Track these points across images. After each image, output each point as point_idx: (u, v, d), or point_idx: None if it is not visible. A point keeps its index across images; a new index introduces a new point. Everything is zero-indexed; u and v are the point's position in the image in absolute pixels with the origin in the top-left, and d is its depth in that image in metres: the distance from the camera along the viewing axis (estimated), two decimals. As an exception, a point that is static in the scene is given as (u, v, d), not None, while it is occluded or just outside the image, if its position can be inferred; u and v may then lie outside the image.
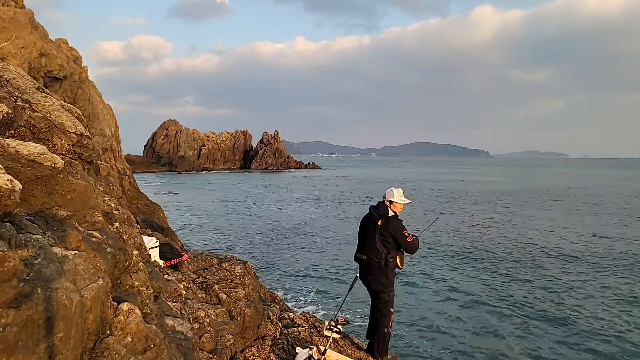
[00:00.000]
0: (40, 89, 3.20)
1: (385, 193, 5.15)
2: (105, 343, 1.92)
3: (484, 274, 16.37)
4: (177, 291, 3.19)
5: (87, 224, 2.28)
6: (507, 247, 20.97)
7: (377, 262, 4.88)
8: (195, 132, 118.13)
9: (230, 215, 32.70)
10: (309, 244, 22.06)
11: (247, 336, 4.96)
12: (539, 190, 55.54)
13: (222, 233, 25.15)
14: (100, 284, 1.94)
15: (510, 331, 11.11)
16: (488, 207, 37.58)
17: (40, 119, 2.71)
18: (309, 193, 51.31)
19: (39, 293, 1.53)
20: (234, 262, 6.56)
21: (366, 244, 5.02)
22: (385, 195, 5.11)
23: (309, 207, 38.02)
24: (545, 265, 17.55)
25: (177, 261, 6.15)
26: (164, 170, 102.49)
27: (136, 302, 2.35)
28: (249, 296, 5.49)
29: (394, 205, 5.04)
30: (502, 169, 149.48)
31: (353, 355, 5.04)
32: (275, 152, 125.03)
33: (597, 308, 12.67)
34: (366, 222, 5.15)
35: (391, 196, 5.03)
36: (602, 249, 20.34)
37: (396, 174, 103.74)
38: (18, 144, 2.09)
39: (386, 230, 4.87)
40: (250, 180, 73.71)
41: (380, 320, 5.01)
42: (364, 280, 5.09)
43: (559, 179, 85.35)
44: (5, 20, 10.19)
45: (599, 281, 15.30)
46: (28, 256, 1.60)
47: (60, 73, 12.23)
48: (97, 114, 13.87)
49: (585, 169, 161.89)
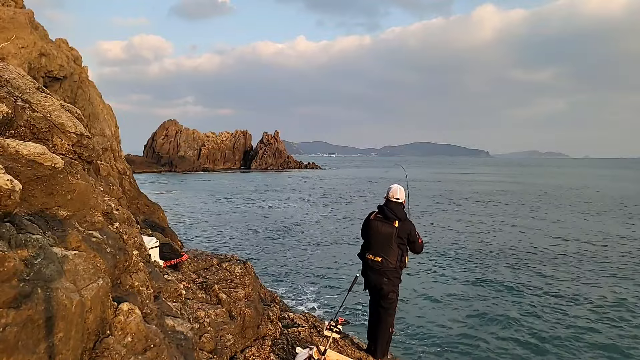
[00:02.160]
0: (40, 89, 3.19)
1: (392, 191, 4.94)
2: (105, 343, 1.92)
3: (482, 273, 16.36)
4: (177, 291, 3.19)
5: (87, 224, 2.28)
6: (506, 246, 20.97)
7: (393, 263, 4.81)
8: (195, 132, 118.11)
9: (230, 215, 32.70)
10: (309, 244, 22.06)
11: (247, 336, 4.96)
12: (538, 190, 55.54)
13: (222, 233, 25.15)
14: (100, 284, 1.94)
15: (509, 330, 11.11)
16: (488, 207, 37.57)
17: (40, 119, 2.71)
18: (309, 193, 51.31)
19: (39, 293, 1.53)
20: (234, 262, 6.55)
21: (381, 245, 4.86)
22: (397, 196, 4.91)
23: (308, 207, 38.02)
24: (544, 264, 17.54)
25: (177, 261, 6.15)
26: (164, 170, 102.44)
27: (136, 302, 2.35)
28: (249, 296, 5.48)
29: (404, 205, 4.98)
30: (500, 169, 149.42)
31: (353, 355, 5.04)
32: (275, 152, 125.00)
33: (597, 307, 12.68)
34: (378, 222, 4.93)
35: (402, 197, 4.93)
36: (602, 249, 20.35)
37: (395, 174, 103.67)
38: (18, 144, 2.09)
39: (402, 233, 4.79)
40: (250, 180, 73.70)
41: (386, 319, 4.98)
42: (374, 281, 4.94)
43: (559, 179, 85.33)
44: (5, 20, 10.19)
45: (599, 280, 15.31)
46: (28, 256, 1.60)
47: (60, 73, 12.23)
48: (97, 114, 13.87)
49: (585, 168, 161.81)
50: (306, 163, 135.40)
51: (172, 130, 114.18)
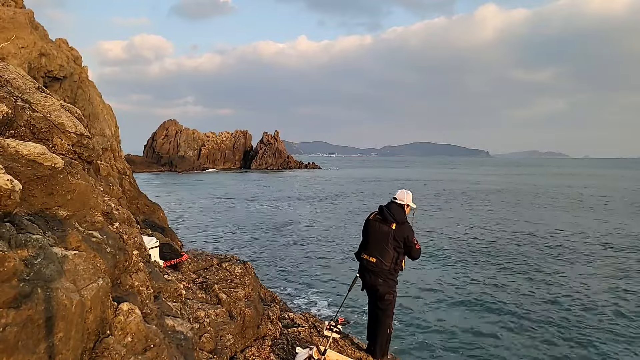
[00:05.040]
0: (40, 89, 3.20)
1: (398, 193, 4.97)
2: (105, 343, 1.92)
3: (481, 273, 16.36)
4: (177, 291, 3.19)
5: (87, 224, 2.28)
6: (504, 246, 20.97)
7: (387, 265, 4.80)
8: (195, 132, 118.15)
9: (230, 215, 32.70)
10: (309, 244, 22.06)
11: (247, 336, 4.96)
12: (536, 190, 55.56)
13: (222, 233, 25.15)
14: (100, 284, 1.94)
15: (508, 330, 11.11)
16: (487, 207, 37.58)
17: (40, 119, 2.71)
18: (309, 193, 51.31)
19: (39, 293, 1.53)
20: (234, 262, 6.56)
21: (376, 246, 4.87)
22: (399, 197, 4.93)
23: (308, 207, 38.02)
24: (545, 264, 17.54)
25: (177, 261, 6.15)
26: (164, 170, 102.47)
27: (136, 302, 2.35)
28: (249, 296, 5.48)
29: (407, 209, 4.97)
30: (500, 169, 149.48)
31: (353, 355, 5.04)
32: (275, 152, 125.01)
33: (597, 307, 12.69)
34: (376, 223, 4.94)
35: (409, 200, 4.94)
36: (602, 250, 20.36)
37: (396, 174, 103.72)
38: (18, 144, 2.09)
39: (399, 236, 4.77)
40: (250, 181, 73.69)
41: (384, 320, 4.99)
42: (370, 282, 4.96)
43: (558, 179, 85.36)
44: (5, 20, 10.19)
45: (598, 280, 15.32)
46: (28, 256, 1.60)
47: (60, 73, 12.23)
48: (97, 114, 13.87)
49: (585, 168, 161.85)
50: (306, 163, 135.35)
51: (172, 130, 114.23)
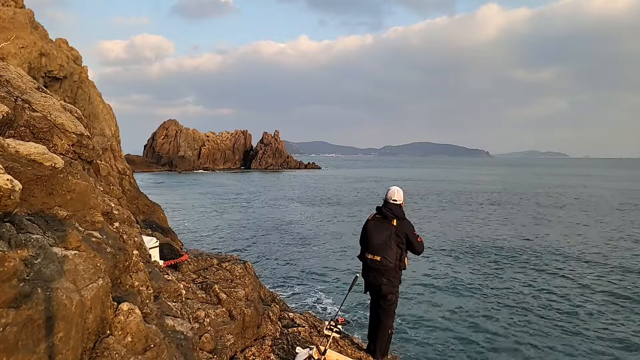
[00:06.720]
0: (40, 89, 3.20)
1: (390, 193, 5.04)
2: (105, 343, 1.92)
3: (481, 273, 16.37)
4: (177, 291, 3.19)
5: (87, 224, 2.28)
6: (503, 246, 20.97)
7: (392, 263, 4.83)
8: (195, 132, 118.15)
9: (230, 215, 32.69)
10: (309, 244, 22.06)
11: (247, 336, 4.96)
12: (535, 190, 55.57)
13: (222, 233, 25.15)
14: (100, 284, 1.94)
15: (509, 329, 11.11)
16: (487, 207, 37.58)
17: (40, 119, 2.72)
18: (308, 193, 51.31)
19: (39, 293, 1.53)
20: (234, 262, 6.56)
21: (380, 244, 4.89)
22: (394, 198, 5.00)
23: (308, 207, 38.02)
24: (545, 264, 17.55)
25: (177, 261, 6.15)
26: (164, 170, 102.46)
27: (136, 302, 2.35)
28: (249, 296, 5.48)
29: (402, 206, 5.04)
30: (500, 169, 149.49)
31: (353, 355, 5.04)
32: (275, 152, 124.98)
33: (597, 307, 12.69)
34: (377, 222, 5.01)
35: (400, 198, 5.00)
36: (603, 249, 20.36)
37: (396, 174, 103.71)
38: (18, 144, 2.09)
39: (401, 232, 4.83)
40: (250, 180, 73.71)
41: (385, 320, 4.99)
42: (374, 282, 4.97)
43: (557, 179, 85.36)
44: (5, 20, 10.19)
45: (598, 279, 15.32)
46: (28, 256, 1.60)
47: (60, 73, 12.23)
48: (97, 114, 13.88)
49: (585, 168, 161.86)
50: (306, 163, 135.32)
51: (172, 130, 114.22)
